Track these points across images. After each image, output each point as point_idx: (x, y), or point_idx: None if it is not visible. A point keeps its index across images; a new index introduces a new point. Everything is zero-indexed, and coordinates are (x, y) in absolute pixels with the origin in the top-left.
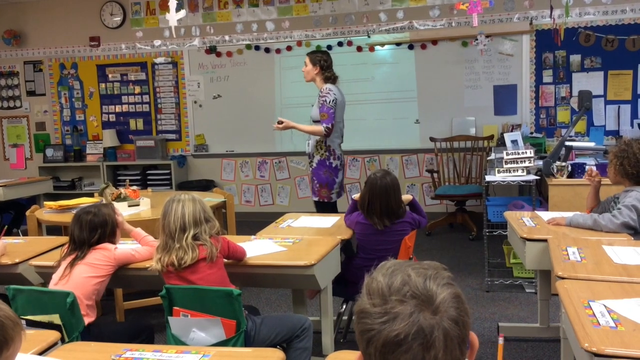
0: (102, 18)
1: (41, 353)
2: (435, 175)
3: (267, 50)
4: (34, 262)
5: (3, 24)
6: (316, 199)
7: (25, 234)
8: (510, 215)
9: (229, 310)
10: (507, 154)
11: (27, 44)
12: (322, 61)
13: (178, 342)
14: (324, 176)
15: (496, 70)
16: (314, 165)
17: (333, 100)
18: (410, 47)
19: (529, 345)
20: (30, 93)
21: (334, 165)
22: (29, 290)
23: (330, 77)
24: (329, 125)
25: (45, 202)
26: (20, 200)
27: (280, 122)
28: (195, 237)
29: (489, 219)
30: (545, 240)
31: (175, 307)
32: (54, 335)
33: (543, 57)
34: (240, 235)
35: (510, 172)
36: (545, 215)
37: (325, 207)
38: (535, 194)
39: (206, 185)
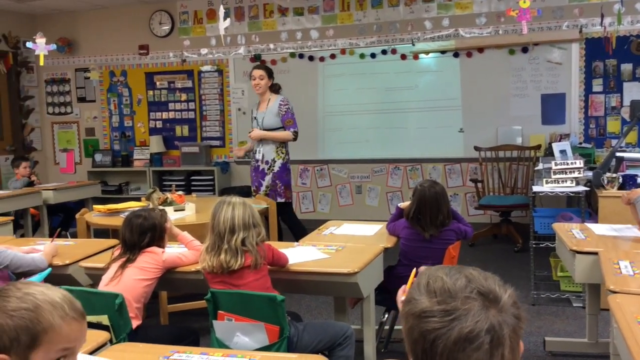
0: (151, 27)
1: (91, 353)
2: (479, 185)
3: (310, 58)
4: (84, 263)
5: (57, 32)
6: (282, 200)
7: (73, 236)
8: (559, 227)
9: (272, 315)
10: (556, 164)
11: (78, 52)
12: (272, 72)
13: (222, 345)
14: (286, 178)
15: (544, 78)
16: (276, 169)
17: (292, 108)
18: (456, 55)
19: None
20: (81, 99)
21: (289, 167)
22: (79, 291)
23: (278, 86)
24: (297, 129)
25: (94, 206)
26: (69, 204)
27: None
28: (242, 242)
29: (536, 231)
30: (595, 254)
31: (219, 311)
32: (103, 335)
33: (593, 65)
34: (282, 242)
35: (558, 182)
36: (595, 227)
37: (288, 207)
38: (584, 206)
39: (248, 192)
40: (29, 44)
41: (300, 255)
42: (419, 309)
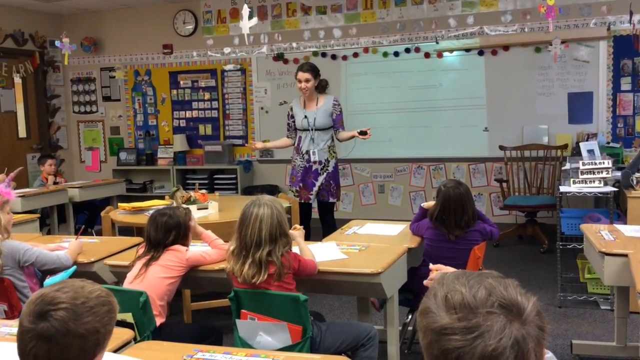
0: (175, 26)
1: (116, 350)
2: (505, 184)
3: (333, 57)
4: (109, 261)
5: (82, 32)
6: (334, 200)
7: (99, 234)
8: (587, 228)
9: (295, 315)
10: (584, 164)
11: (104, 51)
12: (318, 71)
13: (245, 344)
14: (339, 178)
15: (571, 77)
16: (330, 169)
17: None
18: (480, 53)
19: None
20: (106, 98)
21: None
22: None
23: (325, 82)
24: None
25: (119, 204)
26: (95, 201)
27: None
28: (268, 253)
29: (563, 232)
30: (625, 255)
31: (243, 310)
32: (128, 333)
33: (621, 63)
34: (305, 241)
35: (586, 183)
36: (624, 229)
37: (333, 207)
38: (613, 207)
39: (271, 191)
40: (57, 43)
41: (322, 253)
42: (439, 325)
